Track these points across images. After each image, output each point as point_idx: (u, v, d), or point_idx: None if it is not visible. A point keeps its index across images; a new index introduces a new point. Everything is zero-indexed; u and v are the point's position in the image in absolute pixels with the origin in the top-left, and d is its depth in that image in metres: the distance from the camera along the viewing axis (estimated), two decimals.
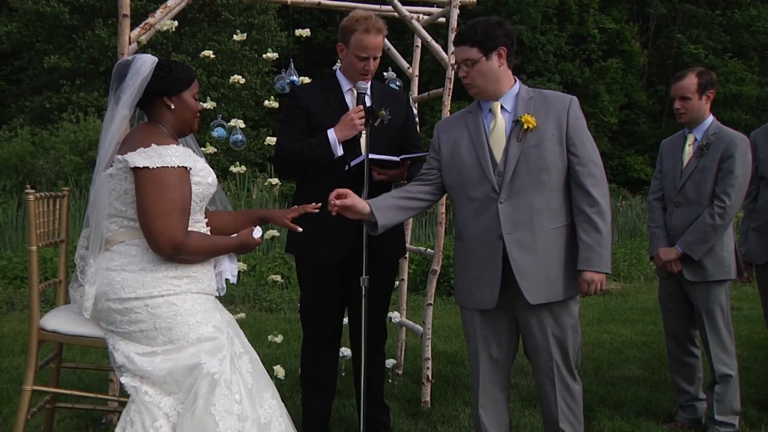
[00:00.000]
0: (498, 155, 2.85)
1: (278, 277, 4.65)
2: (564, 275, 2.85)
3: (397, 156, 3.27)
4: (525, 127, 2.81)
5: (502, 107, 2.90)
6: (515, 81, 2.94)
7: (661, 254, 3.81)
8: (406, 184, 3.12)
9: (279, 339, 4.61)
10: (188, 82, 2.68)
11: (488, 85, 2.89)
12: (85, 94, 17.77)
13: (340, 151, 3.24)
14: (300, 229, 2.89)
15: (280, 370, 4.27)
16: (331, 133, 3.24)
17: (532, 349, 2.95)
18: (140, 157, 2.45)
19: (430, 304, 4.19)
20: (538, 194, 2.82)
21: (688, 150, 3.82)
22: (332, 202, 2.81)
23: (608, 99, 23.43)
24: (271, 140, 4.23)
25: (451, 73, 4.03)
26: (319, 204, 2.94)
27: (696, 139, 3.80)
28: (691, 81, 3.78)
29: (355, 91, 3.36)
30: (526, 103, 2.87)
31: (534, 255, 2.82)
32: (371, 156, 3.09)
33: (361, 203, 2.85)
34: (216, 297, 2.70)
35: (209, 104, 4.31)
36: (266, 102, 4.66)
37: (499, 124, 2.88)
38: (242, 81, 4.63)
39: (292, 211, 2.90)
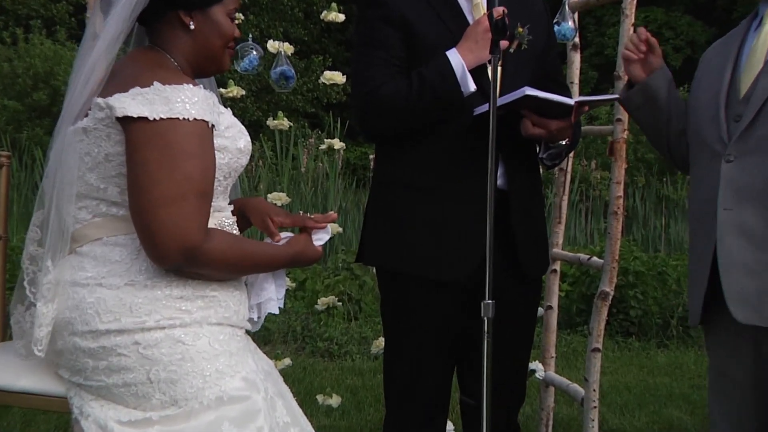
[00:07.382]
0: (744, 87, 2.86)
1: (336, 302, 4.65)
2: None
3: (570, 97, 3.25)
4: None
5: None
6: None
7: None
8: (565, 147, 3.10)
9: (334, 402, 4.66)
10: None
11: None
12: None
13: (471, 86, 3.15)
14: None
15: None
16: (455, 57, 3.15)
17: None
18: (135, 102, 2.43)
19: (598, 350, 4.13)
20: None
21: None
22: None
23: None
24: (332, 76, 4.25)
25: None
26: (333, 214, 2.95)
27: None
28: None
29: None
30: None
31: (763, 251, 2.80)
32: (530, 92, 3.00)
33: None
34: (246, 332, 2.74)
35: None
36: (324, 13, 4.70)
37: (761, 42, 2.89)
38: None
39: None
